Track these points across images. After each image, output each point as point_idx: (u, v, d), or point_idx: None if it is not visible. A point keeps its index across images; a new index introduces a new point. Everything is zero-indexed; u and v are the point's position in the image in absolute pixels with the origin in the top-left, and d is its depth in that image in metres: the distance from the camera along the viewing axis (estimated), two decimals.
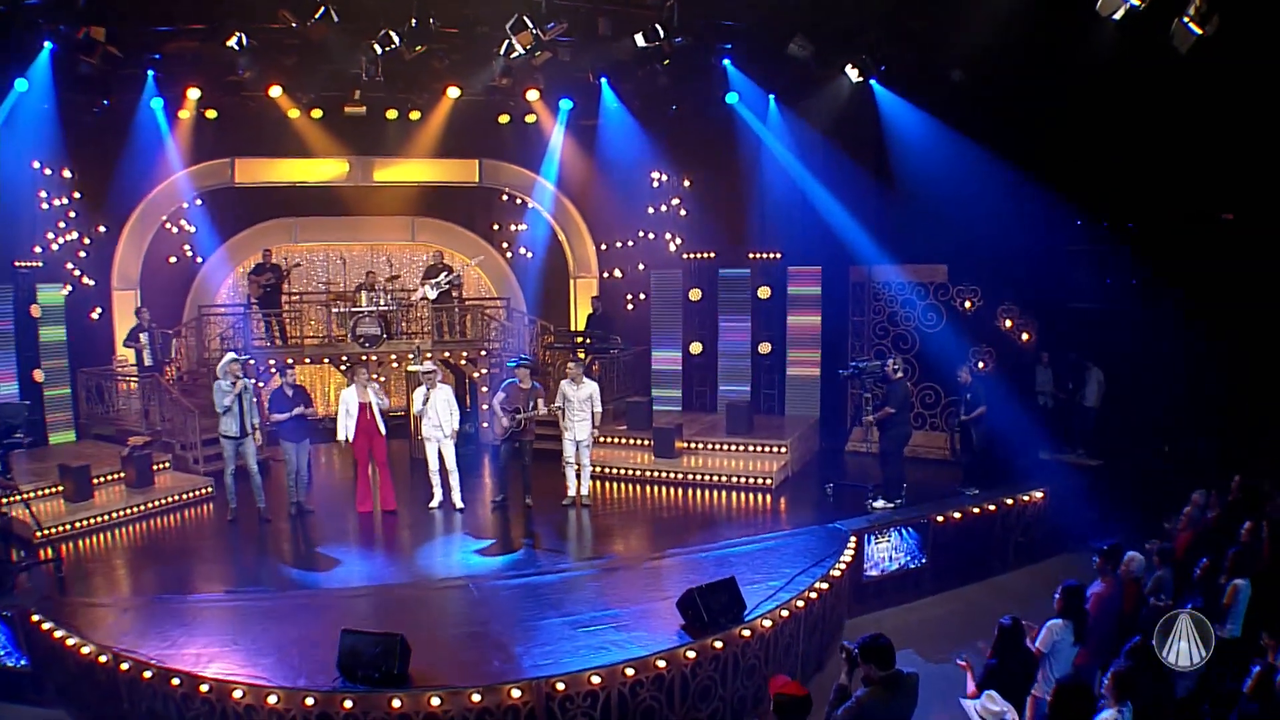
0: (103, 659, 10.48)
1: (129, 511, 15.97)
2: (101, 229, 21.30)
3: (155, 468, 17.37)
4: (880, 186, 19.93)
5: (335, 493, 17.78)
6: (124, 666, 10.30)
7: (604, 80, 20.83)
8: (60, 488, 16.10)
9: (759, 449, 18.38)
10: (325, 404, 23.35)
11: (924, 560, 14.68)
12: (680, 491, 17.39)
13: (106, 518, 15.66)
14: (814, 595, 11.88)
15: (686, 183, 22.79)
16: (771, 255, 21.48)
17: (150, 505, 16.27)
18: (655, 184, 23.04)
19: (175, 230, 22.61)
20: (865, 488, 15.93)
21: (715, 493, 17.22)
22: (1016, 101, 17.60)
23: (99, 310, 21.34)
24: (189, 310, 22.45)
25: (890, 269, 19.79)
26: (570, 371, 16.41)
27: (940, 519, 14.77)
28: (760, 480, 17.28)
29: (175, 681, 9.96)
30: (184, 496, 16.80)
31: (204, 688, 9.79)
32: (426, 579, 13.20)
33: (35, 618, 11.26)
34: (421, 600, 12.35)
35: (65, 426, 19.52)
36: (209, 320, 21.47)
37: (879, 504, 15.48)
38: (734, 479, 17.40)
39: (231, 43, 16.99)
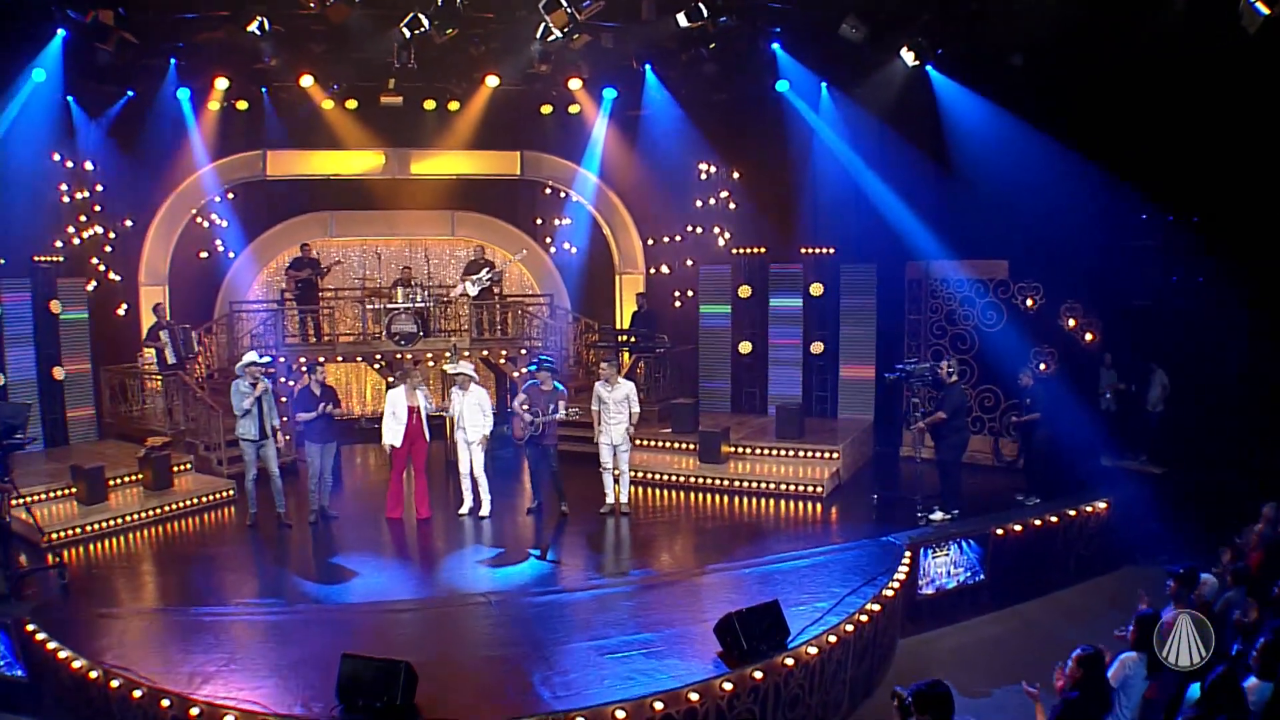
0: (93, 674, 9.80)
1: (144, 515, 15.31)
2: (128, 223, 20.84)
3: (176, 469, 16.75)
4: (938, 177, 19.02)
5: (364, 497, 17.03)
6: (114, 684, 9.59)
7: (648, 68, 20.21)
8: (73, 489, 15.49)
9: (809, 454, 17.48)
10: (362, 404, 22.87)
11: (982, 575, 13.64)
12: (725, 499, 16.48)
13: (120, 521, 14.99)
14: (865, 618, 10.87)
15: (735, 175, 22.00)
16: (824, 250, 20.58)
17: (167, 509, 15.62)
18: (703, 176, 22.28)
19: (206, 224, 22.17)
20: (914, 499, 14.99)
21: (762, 501, 16.30)
22: (1078, 87, 16.92)
23: (125, 306, 20.90)
24: (220, 307, 21.93)
25: (948, 265, 18.81)
26: (603, 372, 15.52)
27: (1000, 532, 13.72)
28: (810, 488, 16.38)
29: (165, 703, 9.19)
30: (204, 499, 16.13)
31: (194, 711, 8.99)
32: (445, 594, 12.33)
33: (30, 627, 10.63)
34: (437, 618, 11.45)
35: (88, 426, 19.08)
36: (240, 317, 20.90)
37: (936, 515, 14.55)
38: (782, 486, 16.52)
39: (253, 28, 16.40)
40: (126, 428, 18.87)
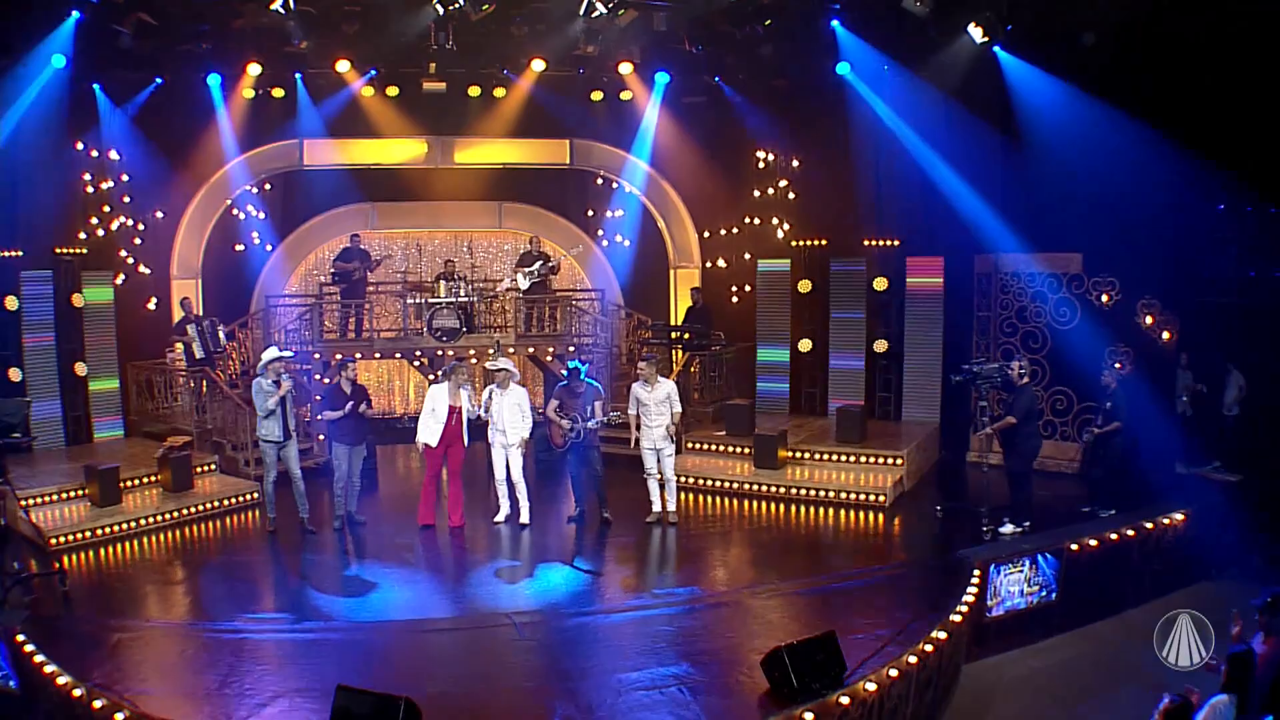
0: (77, 693, 9.00)
1: (160, 519, 14.57)
2: (159, 214, 20.16)
3: (199, 470, 16.09)
4: (1008, 165, 17.88)
5: (397, 501, 16.01)
6: (97, 704, 8.80)
7: (702, 50, 19.18)
8: (86, 491, 14.80)
9: (872, 460, 16.38)
10: (404, 402, 22.15)
11: (1055, 594, 12.46)
12: (782, 508, 15.39)
13: (133, 525, 14.28)
14: (930, 648, 9.72)
15: (795, 163, 20.77)
16: (889, 243, 19.53)
17: (185, 512, 14.87)
18: (761, 165, 21.10)
19: (241, 216, 21.46)
20: (979, 510, 13.89)
21: (820, 510, 15.24)
22: (1153, 67, 15.76)
23: (155, 300, 20.21)
24: (256, 302, 21.27)
25: (1019, 258, 17.79)
26: (641, 371, 14.48)
27: (1076, 547, 12.54)
28: (872, 497, 15.29)
29: None
30: (226, 503, 15.38)
31: None
32: (468, 613, 11.30)
33: (20, 638, 9.84)
34: (455, 642, 10.45)
35: (113, 423, 18.49)
36: (276, 312, 20.15)
37: (1006, 529, 13.49)
38: (842, 494, 15.45)
39: (276, 6, 15.60)
40: (152, 426, 18.17)
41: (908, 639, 9.74)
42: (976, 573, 11.52)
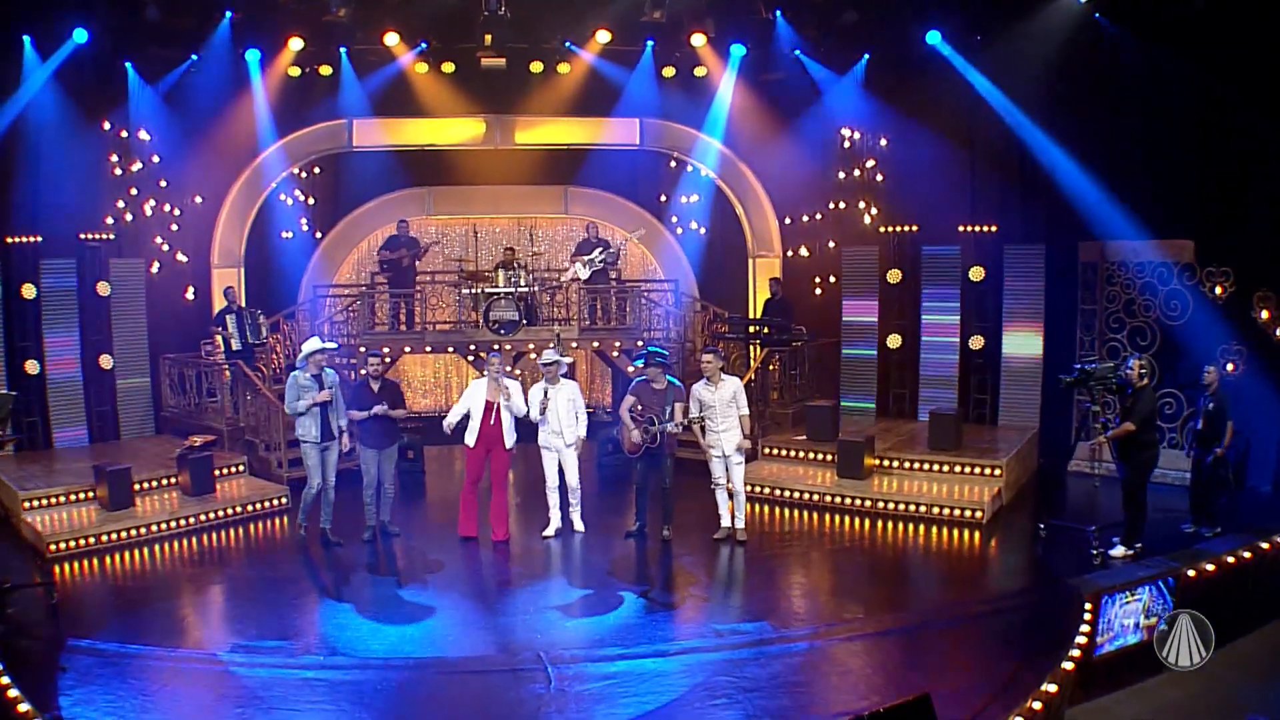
0: None
1: (174, 525, 13.47)
2: (198, 199, 19.17)
3: (225, 471, 15.00)
4: (1113, 142, 16.39)
5: (441, 510, 14.55)
6: None
7: (779, 17, 18.06)
8: (95, 493, 13.71)
9: (967, 470, 14.72)
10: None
11: (1165, 627, 10.76)
12: (866, 524, 13.78)
13: (144, 531, 13.16)
14: (1039, 705, 8.04)
15: (883, 142, 19.34)
16: (986, 228, 17.95)
17: (204, 518, 13.76)
18: (845, 144, 19.70)
19: (290, 201, 20.49)
20: (1086, 530, 12.29)
21: (910, 526, 13.62)
22: (1268, 35, 14.34)
23: (194, 290, 19.23)
24: (304, 291, 20.29)
25: (1128, 245, 16.31)
26: (704, 367, 12.84)
27: (1193, 573, 10.81)
28: (968, 512, 13.67)
29: None
30: (250, 508, 14.23)
31: None
32: (496, 649, 9.74)
33: None
34: (468, 691, 8.92)
35: (143, 420, 17.59)
36: (324, 302, 19.14)
37: (1117, 551, 11.97)
38: (934, 509, 13.86)
39: None
40: (185, 422, 17.04)
41: (1011, 696, 8.18)
42: (1088, 606, 9.79)
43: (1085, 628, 9.53)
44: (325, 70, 19.05)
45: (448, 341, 18.27)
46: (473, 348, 17.94)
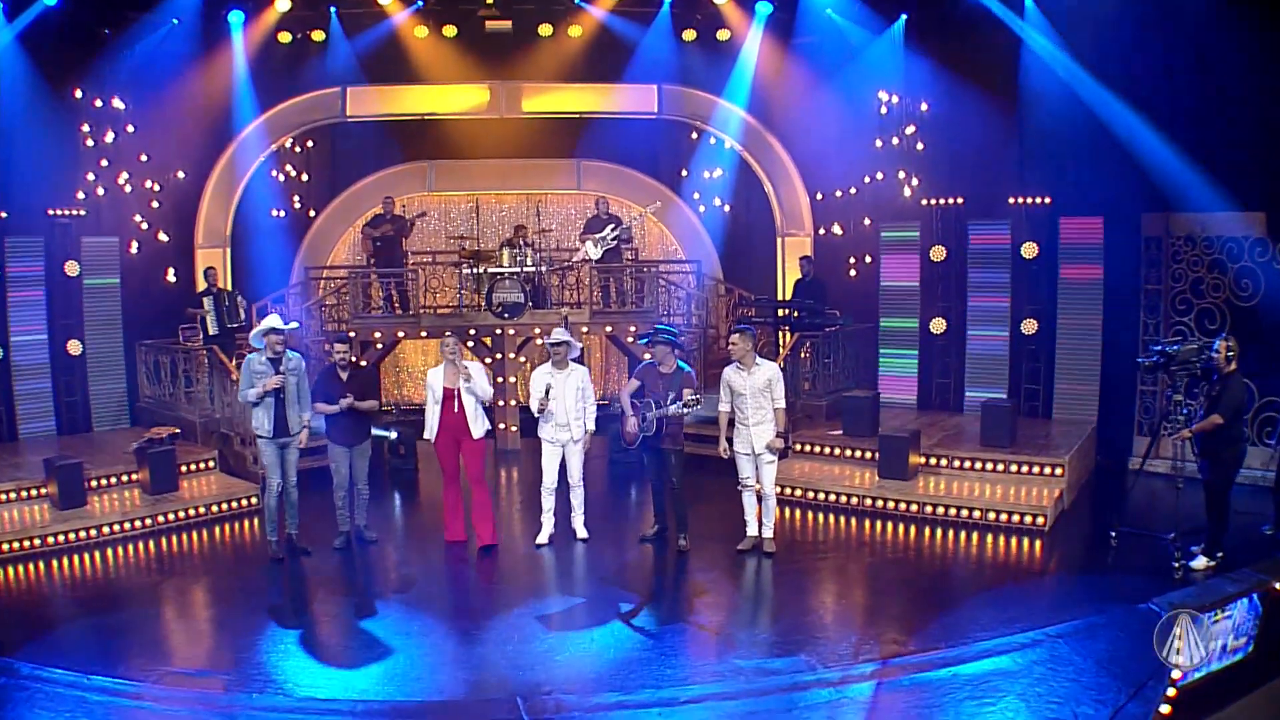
0: None
1: (128, 526, 12.29)
2: (180, 174, 18.10)
3: (193, 467, 14.01)
4: (1179, 103, 15.02)
5: (427, 511, 13.28)
6: None
7: None
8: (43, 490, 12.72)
9: (1025, 470, 13.23)
10: None
11: (1250, 646, 9.52)
12: (913, 531, 12.29)
13: (96, 533, 12.00)
14: None
15: (923, 106, 17.95)
16: (1038, 200, 16.56)
17: (163, 519, 12.57)
18: (882, 109, 18.33)
19: (281, 178, 19.60)
20: (1164, 537, 10.87)
21: (962, 535, 12.08)
22: None
23: (174, 272, 18.18)
24: (297, 273, 19.37)
25: (1195, 218, 15.02)
26: (734, 349, 11.25)
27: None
28: (1028, 518, 12.15)
29: None
30: (217, 509, 13.07)
31: None
32: (468, 688, 8.23)
33: None
34: None
35: (118, 411, 16.72)
36: (316, 284, 18.22)
37: (1198, 563, 10.58)
38: (990, 515, 12.34)
39: None
40: (159, 413, 15.97)
41: None
42: (1177, 630, 8.32)
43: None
44: (318, 36, 18.24)
45: (445, 326, 16.79)
46: (472, 332, 16.67)
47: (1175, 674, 8.05)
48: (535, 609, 9.83)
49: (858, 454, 14.19)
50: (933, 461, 13.75)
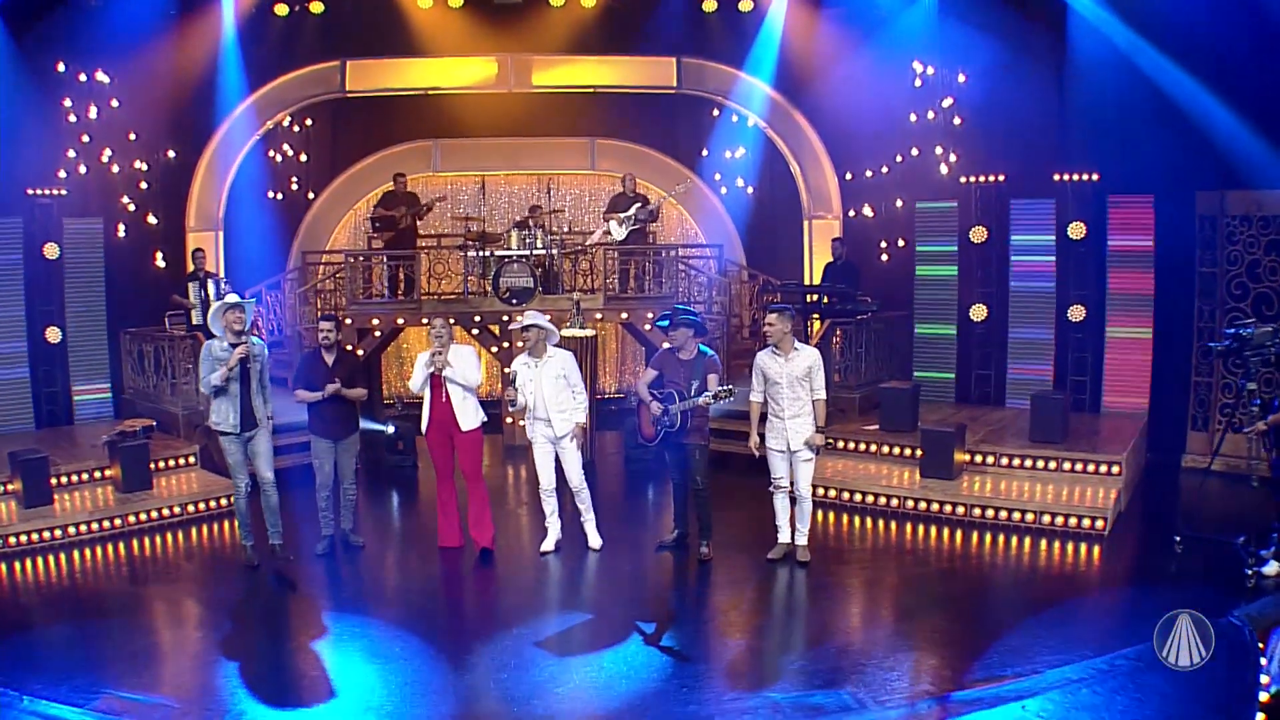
0: None
1: (95, 527, 11.46)
2: (171, 154, 17.37)
3: (172, 463, 13.21)
4: (1234, 72, 14.12)
5: (428, 512, 12.13)
6: None
7: None
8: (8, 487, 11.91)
9: (1079, 468, 12.18)
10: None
11: None
12: (959, 536, 11.22)
13: (61, 534, 11.21)
14: None
15: (961, 78, 17.02)
16: (1086, 177, 15.64)
17: (135, 519, 11.73)
18: (917, 81, 17.41)
19: (278, 158, 19.01)
20: (1234, 542, 10.15)
21: (1014, 541, 11.02)
22: None
23: (162, 256, 17.39)
24: (295, 258, 18.83)
25: (1253, 196, 14.25)
26: (770, 331, 10.15)
27: None
28: (1086, 521, 11.10)
29: None
30: (193, 509, 12.20)
31: None
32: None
33: None
34: None
35: (99, 402, 15.91)
36: (314, 269, 17.65)
37: (1270, 568, 9.67)
38: (1044, 518, 11.29)
39: None
40: (142, 405, 15.27)
41: None
42: (1261, 646, 7.72)
43: (1265, 677, 7.52)
44: (316, 8, 17.63)
45: (448, 312, 15.93)
46: (477, 319, 15.77)
47: (1264, 696, 7.26)
48: (535, 629, 8.75)
49: (896, 451, 13.21)
50: (979, 459, 12.73)
